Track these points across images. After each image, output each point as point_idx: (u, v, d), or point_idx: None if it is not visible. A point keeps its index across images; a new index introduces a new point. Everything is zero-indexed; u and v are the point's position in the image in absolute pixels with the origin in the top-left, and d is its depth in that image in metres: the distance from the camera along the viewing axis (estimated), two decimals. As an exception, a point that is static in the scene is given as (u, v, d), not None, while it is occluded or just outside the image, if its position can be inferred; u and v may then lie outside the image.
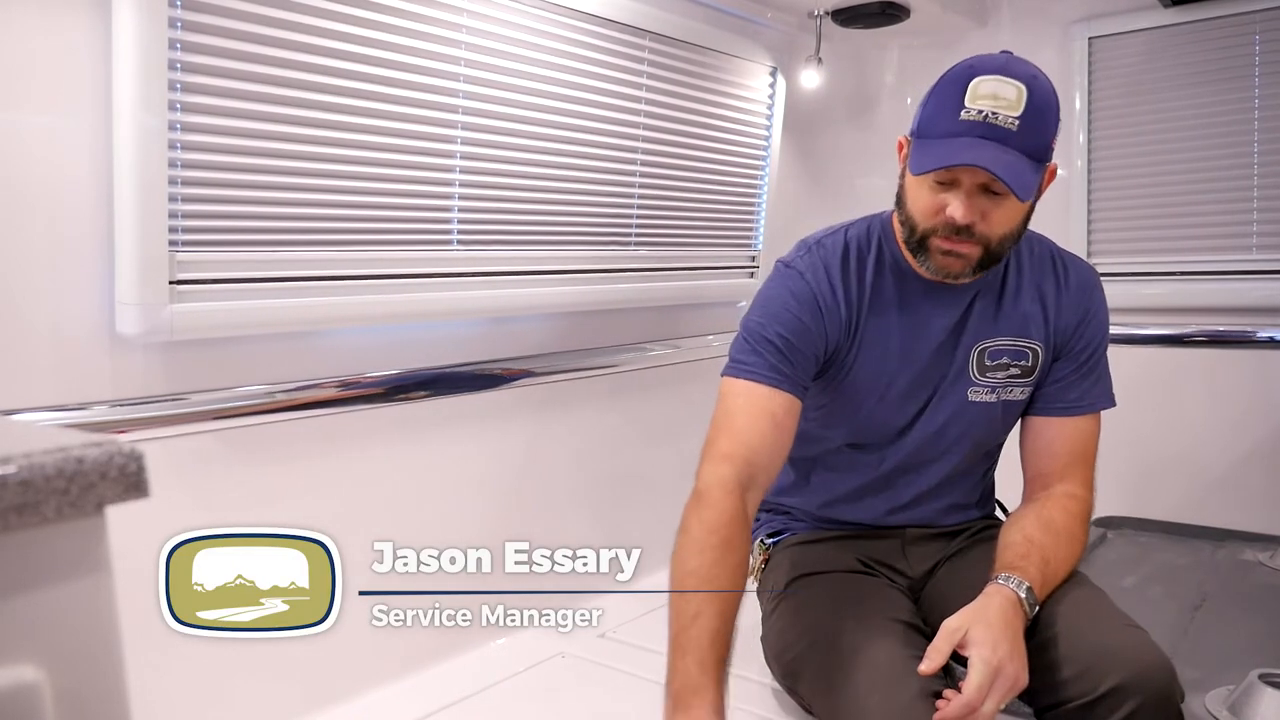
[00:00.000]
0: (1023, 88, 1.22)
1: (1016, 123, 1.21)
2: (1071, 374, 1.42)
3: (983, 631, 1.15)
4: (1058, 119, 1.26)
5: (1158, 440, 2.27)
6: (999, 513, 1.59)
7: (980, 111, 1.21)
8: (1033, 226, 1.57)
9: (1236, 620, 1.67)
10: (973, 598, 1.34)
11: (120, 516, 0.60)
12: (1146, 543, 2.11)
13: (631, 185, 1.97)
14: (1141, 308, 2.30)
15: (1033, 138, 1.22)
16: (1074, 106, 2.35)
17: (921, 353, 1.38)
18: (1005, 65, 1.24)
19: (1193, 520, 2.19)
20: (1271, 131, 2.12)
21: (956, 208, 1.24)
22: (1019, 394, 1.42)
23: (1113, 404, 1.45)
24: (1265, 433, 2.18)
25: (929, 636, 1.34)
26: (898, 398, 1.40)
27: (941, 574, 1.45)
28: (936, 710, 1.16)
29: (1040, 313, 1.41)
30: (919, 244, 1.30)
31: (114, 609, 0.59)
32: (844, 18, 2.14)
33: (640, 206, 2.00)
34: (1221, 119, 2.18)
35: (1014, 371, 1.41)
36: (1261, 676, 1.35)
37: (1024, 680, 1.15)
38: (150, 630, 0.94)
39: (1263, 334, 2.17)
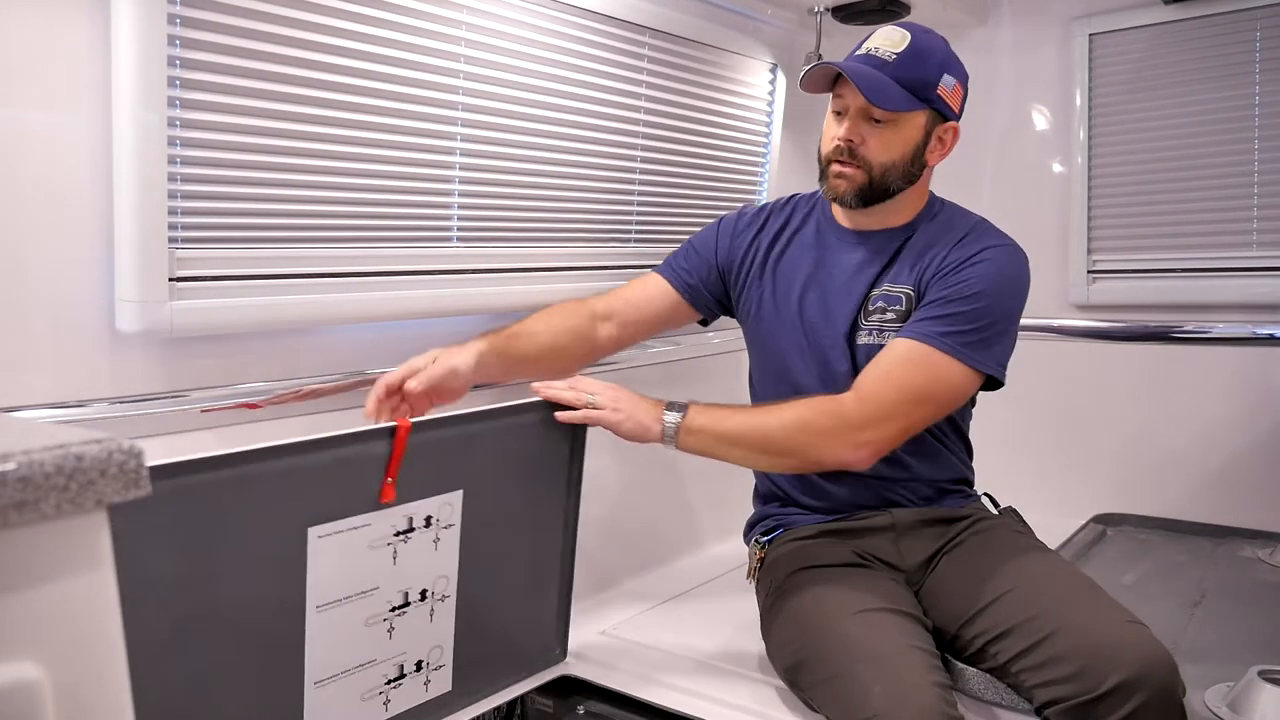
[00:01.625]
0: (908, 34, 1.42)
1: (894, 56, 1.40)
2: (925, 308, 1.41)
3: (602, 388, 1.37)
4: (942, 69, 1.42)
5: (1157, 437, 2.27)
6: (989, 505, 1.59)
7: (868, 49, 1.43)
8: (1032, 221, 1.58)
9: (1236, 617, 1.67)
10: (973, 587, 1.36)
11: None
12: (1146, 539, 2.11)
13: (632, 182, 1.97)
14: (1142, 304, 2.30)
15: (909, 71, 1.39)
16: (1074, 103, 2.35)
17: (829, 289, 1.51)
18: (906, 24, 1.45)
19: (1192, 517, 2.19)
20: (1272, 128, 2.12)
21: (844, 127, 1.43)
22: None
23: (985, 369, 1.39)
24: (1265, 429, 2.18)
25: (929, 629, 1.35)
26: (807, 328, 1.51)
27: (940, 566, 1.46)
28: (941, 700, 1.16)
29: (921, 263, 1.46)
30: (823, 173, 1.49)
31: (114, 605, 0.59)
32: (844, 14, 2.14)
33: (640, 203, 2.00)
34: (1222, 115, 2.18)
35: (889, 316, 1.47)
36: (1261, 673, 1.35)
37: (603, 397, 1.36)
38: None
39: (1263, 330, 2.17)
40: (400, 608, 1.25)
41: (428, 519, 1.25)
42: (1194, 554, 2.00)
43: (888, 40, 1.42)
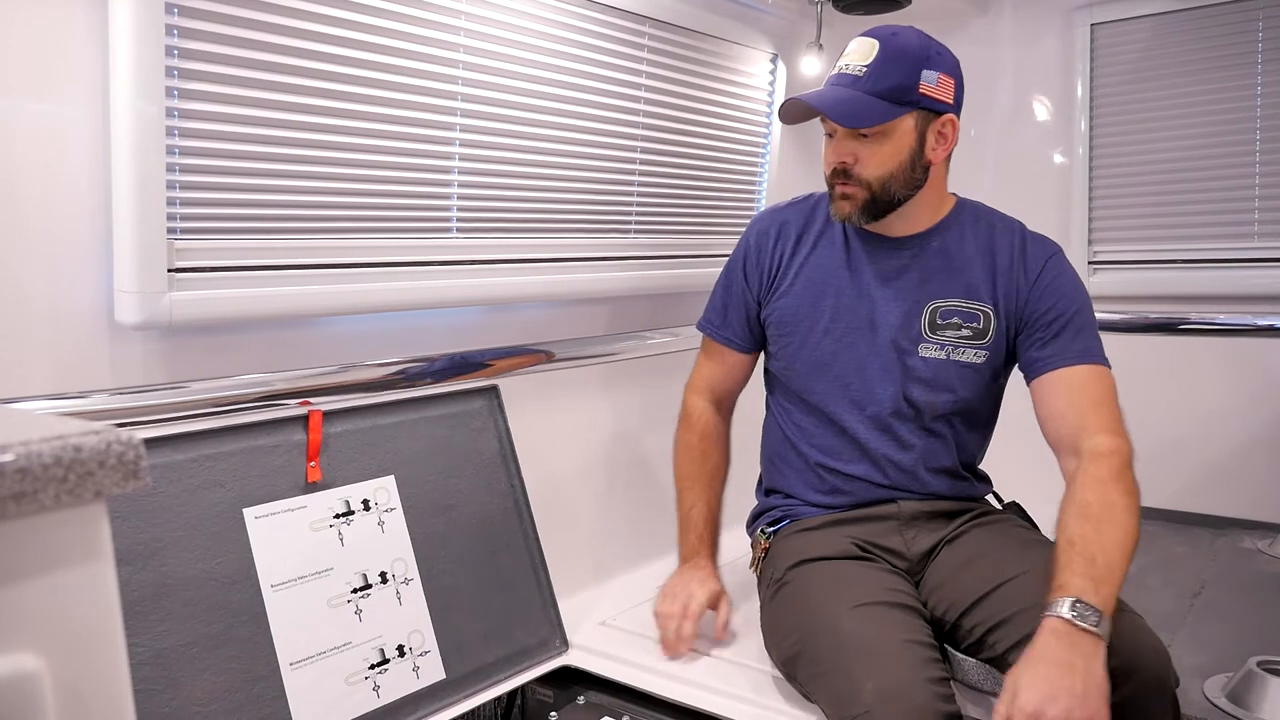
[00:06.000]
0: (876, 43, 1.41)
1: (864, 69, 1.40)
2: (1043, 335, 1.45)
3: (1029, 677, 1.10)
4: (919, 67, 1.40)
5: (1157, 428, 2.26)
6: (993, 501, 1.60)
7: (838, 68, 1.44)
8: (1032, 213, 1.58)
9: (1235, 608, 1.67)
10: (973, 577, 1.37)
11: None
12: (1146, 530, 2.07)
13: (631, 173, 1.96)
14: (1142, 295, 2.30)
15: (882, 80, 1.39)
16: (1075, 94, 2.35)
17: (864, 293, 1.50)
18: (875, 29, 1.43)
19: (1192, 508, 2.19)
20: (1273, 119, 2.12)
21: (833, 150, 1.45)
22: (973, 356, 1.48)
23: (1105, 363, 1.44)
24: (1265, 420, 2.18)
25: (928, 620, 1.36)
26: (843, 332, 1.50)
27: (941, 557, 1.46)
28: (934, 696, 1.17)
29: (989, 278, 1.48)
30: (830, 196, 1.50)
31: (113, 596, 0.59)
32: (845, 4, 2.13)
33: (640, 194, 1.99)
34: (1223, 106, 2.17)
35: (965, 332, 1.47)
36: (1260, 664, 1.35)
37: (1090, 712, 1.08)
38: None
39: (1263, 321, 2.17)
40: (362, 589, 1.34)
41: (365, 502, 1.38)
42: (1193, 545, 2.01)
43: (857, 55, 1.41)
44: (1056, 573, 1.20)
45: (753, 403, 1.72)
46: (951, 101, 1.44)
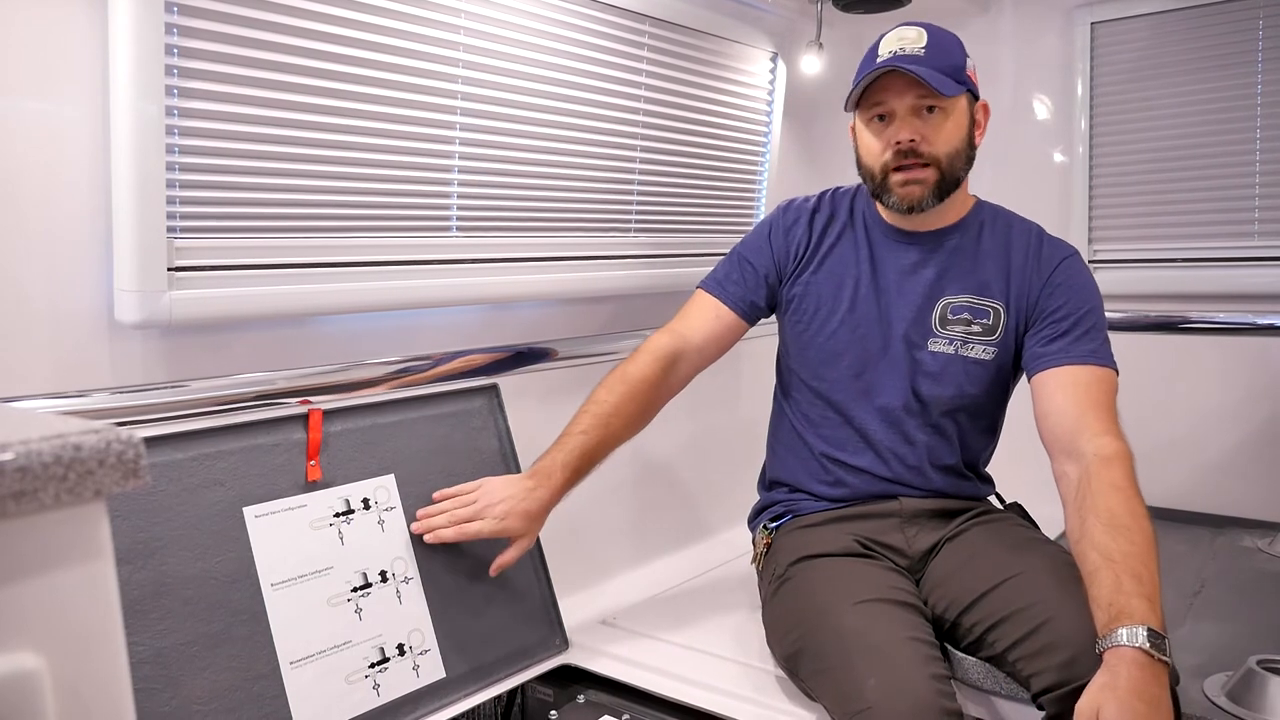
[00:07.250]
0: (922, 29, 1.41)
1: (923, 50, 1.39)
2: (1051, 331, 1.45)
3: (1118, 709, 1.04)
4: (963, 51, 1.44)
5: (1157, 426, 2.27)
6: (995, 501, 1.60)
7: (891, 51, 1.40)
8: (1033, 212, 1.58)
9: (1235, 607, 1.67)
10: (973, 575, 1.36)
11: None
12: (1145, 529, 2.11)
13: (631, 172, 1.96)
14: (1142, 294, 2.30)
15: (942, 59, 1.39)
16: (1075, 93, 2.34)
17: (881, 287, 1.50)
18: (908, 23, 1.44)
19: (1192, 507, 2.19)
20: (1274, 118, 2.12)
21: (897, 130, 1.40)
22: (981, 352, 1.48)
23: (1113, 367, 1.43)
24: (1265, 419, 2.18)
25: (929, 618, 1.36)
26: (857, 323, 1.50)
27: (942, 554, 1.46)
28: (936, 693, 1.17)
29: (1004, 275, 1.48)
30: (881, 185, 1.45)
31: (113, 596, 0.59)
32: (845, 2, 2.12)
33: (640, 193, 1.99)
34: (1223, 105, 2.17)
35: (975, 329, 1.48)
36: (1259, 663, 1.35)
37: None
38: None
39: (1263, 320, 2.17)
40: (362, 588, 1.34)
41: (365, 501, 1.38)
42: (1193, 544, 2.01)
43: (910, 39, 1.40)
44: (1107, 593, 1.14)
45: (755, 402, 1.72)
46: (978, 89, 1.47)
